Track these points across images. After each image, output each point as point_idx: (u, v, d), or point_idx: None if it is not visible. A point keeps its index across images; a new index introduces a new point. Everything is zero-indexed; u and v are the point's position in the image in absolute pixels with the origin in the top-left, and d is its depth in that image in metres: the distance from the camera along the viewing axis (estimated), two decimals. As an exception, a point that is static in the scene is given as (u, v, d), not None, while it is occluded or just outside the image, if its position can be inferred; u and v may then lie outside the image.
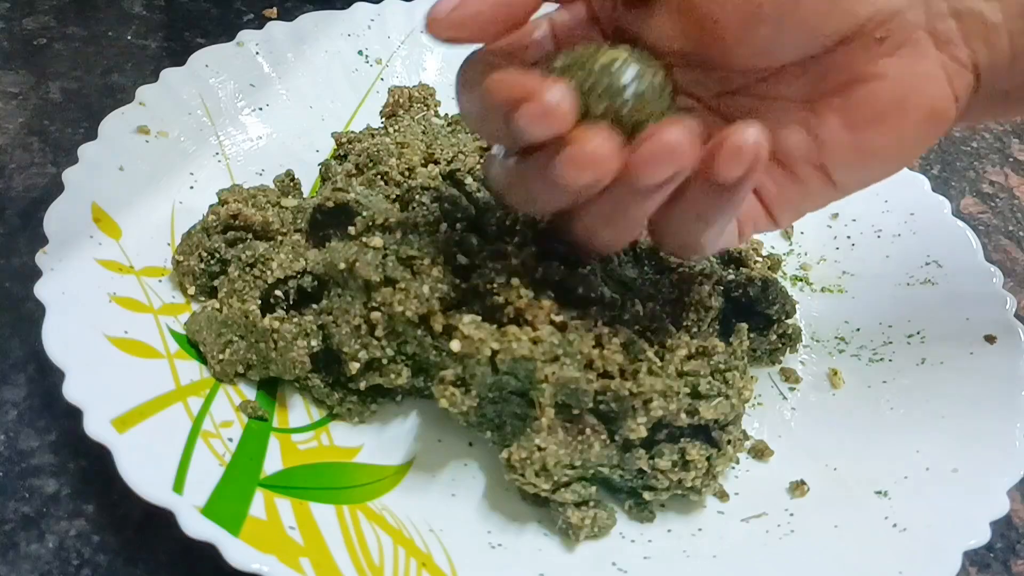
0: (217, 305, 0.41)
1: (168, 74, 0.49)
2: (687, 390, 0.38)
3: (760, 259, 0.47)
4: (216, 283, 0.42)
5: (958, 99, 0.34)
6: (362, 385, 0.40)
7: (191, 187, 0.46)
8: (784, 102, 0.35)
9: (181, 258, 0.42)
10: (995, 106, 0.36)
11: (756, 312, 0.44)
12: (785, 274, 0.49)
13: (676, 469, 0.37)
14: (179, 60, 0.51)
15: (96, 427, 0.34)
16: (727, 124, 0.35)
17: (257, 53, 0.52)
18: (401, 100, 0.51)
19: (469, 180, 0.43)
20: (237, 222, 0.42)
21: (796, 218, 0.38)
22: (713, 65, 0.35)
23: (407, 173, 0.44)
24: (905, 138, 0.35)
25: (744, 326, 0.41)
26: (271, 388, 0.41)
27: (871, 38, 0.33)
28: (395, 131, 0.48)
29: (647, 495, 0.38)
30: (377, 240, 0.39)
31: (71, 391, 0.35)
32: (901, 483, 0.39)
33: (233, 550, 0.32)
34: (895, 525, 0.38)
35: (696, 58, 0.34)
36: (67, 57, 0.56)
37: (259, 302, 0.40)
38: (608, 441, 0.37)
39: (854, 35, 0.33)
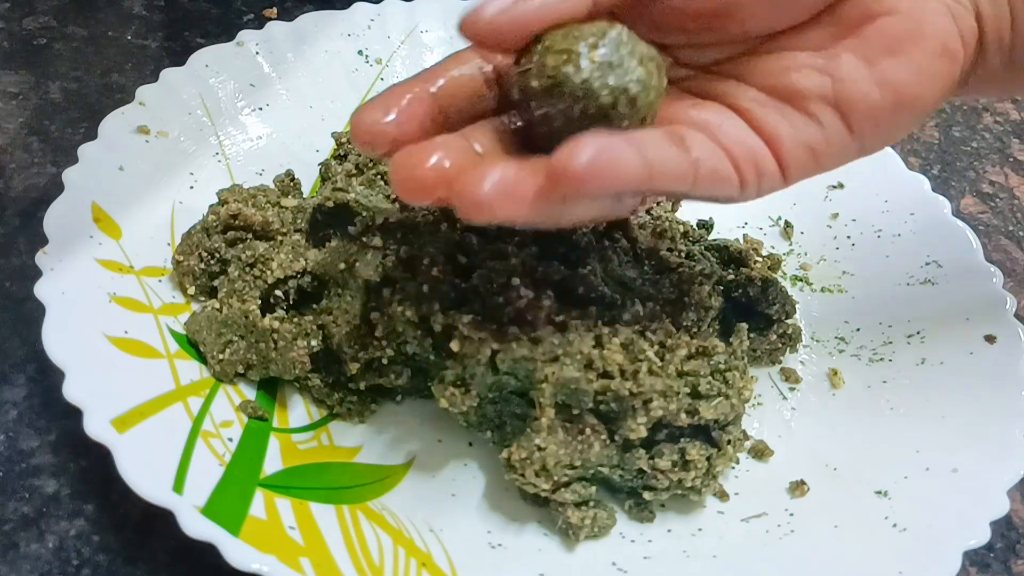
0: (217, 305, 0.41)
1: (168, 74, 0.49)
2: (687, 390, 0.38)
3: (760, 259, 0.47)
4: (216, 283, 0.42)
5: (964, 41, 0.35)
6: (362, 385, 0.40)
7: (191, 187, 0.46)
8: (795, 52, 0.35)
9: (181, 258, 0.42)
10: (1003, 74, 0.37)
11: (756, 312, 0.44)
12: (785, 274, 0.49)
13: (676, 469, 0.37)
14: (179, 60, 0.50)
15: (96, 427, 0.34)
16: (728, 82, 0.35)
17: (257, 53, 0.52)
18: (401, 100, 0.50)
19: (469, 180, 0.43)
20: (237, 222, 0.42)
21: (804, 175, 0.35)
22: (726, 37, 0.35)
23: (407, 173, 0.44)
24: (922, 72, 0.34)
25: (744, 326, 0.41)
26: (271, 388, 0.41)
27: None
28: (395, 131, 0.48)
29: (647, 495, 0.38)
30: (377, 240, 0.39)
31: (71, 391, 0.35)
32: (901, 483, 0.39)
33: (233, 550, 0.32)
34: (895, 525, 0.38)
35: (709, 33, 0.34)
36: (67, 57, 0.56)
37: (259, 302, 0.40)
38: (608, 441, 0.37)
39: None
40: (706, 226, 0.49)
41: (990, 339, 0.44)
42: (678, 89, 0.35)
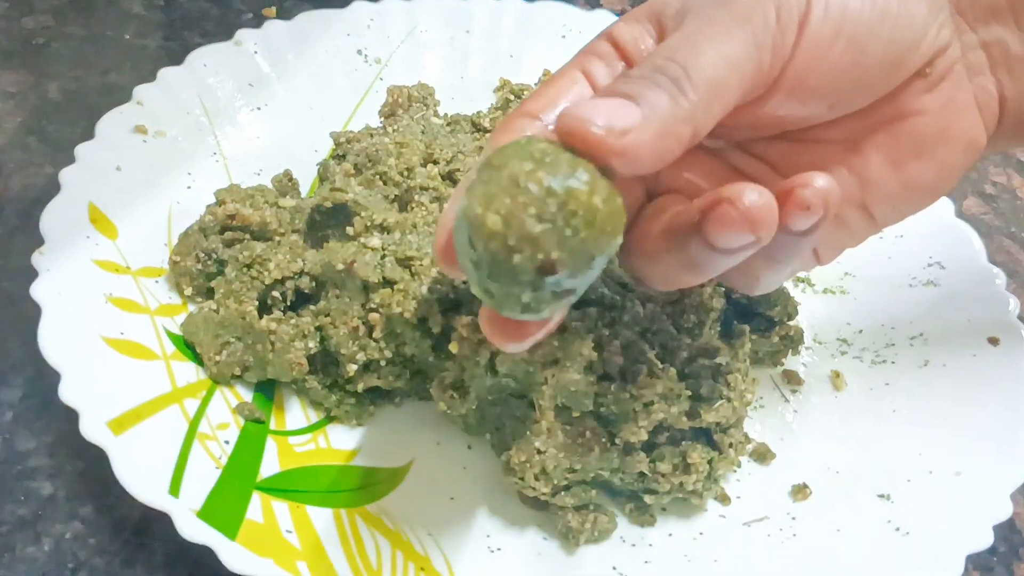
0: (214, 306, 0.40)
1: (166, 73, 0.49)
2: (688, 393, 0.37)
3: (761, 260, 0.47)
4: (213, 284, 0.41)
5: (987, 128, 0.35)
6: (360, 387, 0.39)
7: (188, 187, 0.46)
8: (824, 144, 0.35)
9: (178, 258, 0.42)
10: (1018, 136, 0.37)
11: (758, 314, 0.44)
12: (787, 275, 0.49)
13: (677, 472, 0.37)
14: (178, 60, 0.50)
15: (92, 429, 0.34)
16: (760, 165, 0.35)
17: (256, 52, 0.52)
18: (400, 99, 0.50)
19: (468, 180, 0.42)
20: (234, 222, 0.42)
21: (837, 255, 0.37)
22: (764, 125, 0.34)
23: (406, 173, 0.43)
24: (945, 169, 0.35)
25: (746, 328, 0.41)
26: (268, 390, 0.41)
27: (917, 75, 0.33)
28: (394, 131, 0.47)
29: (648, 498, 0.38)
30: (376, 240, 0.39)
31: (67, 393, 0.35)
32: (904, 486, 0.39)
33: (230, 554, 0.32)
34: (898, 528, 0.37)
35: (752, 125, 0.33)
36: (66, 57, 0.56)
37: (256, 303, 0.40)
38: (608, 444, 0.37)
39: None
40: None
41: (993, 341, 0.44)
42: (720, 161, 0.35)
